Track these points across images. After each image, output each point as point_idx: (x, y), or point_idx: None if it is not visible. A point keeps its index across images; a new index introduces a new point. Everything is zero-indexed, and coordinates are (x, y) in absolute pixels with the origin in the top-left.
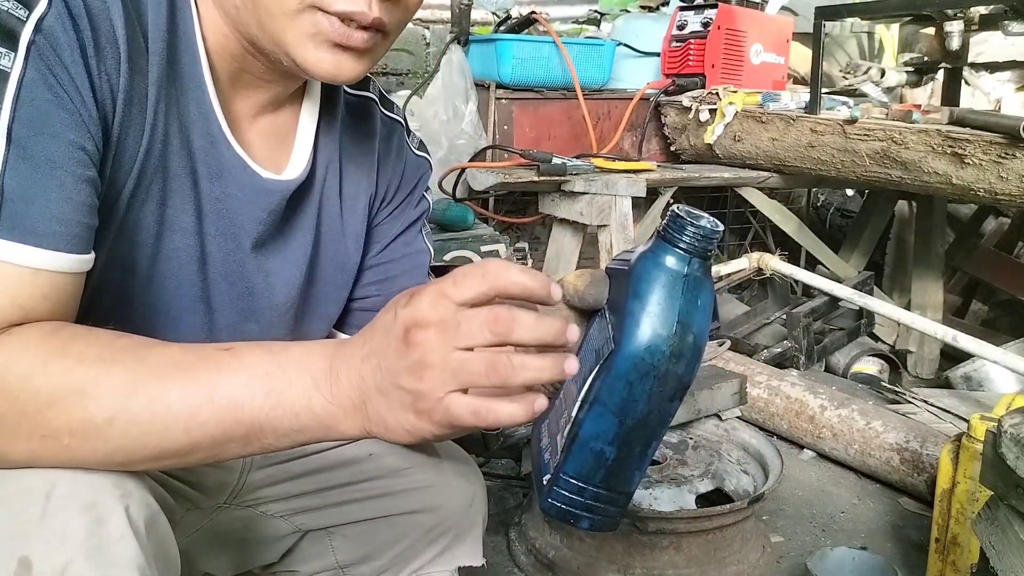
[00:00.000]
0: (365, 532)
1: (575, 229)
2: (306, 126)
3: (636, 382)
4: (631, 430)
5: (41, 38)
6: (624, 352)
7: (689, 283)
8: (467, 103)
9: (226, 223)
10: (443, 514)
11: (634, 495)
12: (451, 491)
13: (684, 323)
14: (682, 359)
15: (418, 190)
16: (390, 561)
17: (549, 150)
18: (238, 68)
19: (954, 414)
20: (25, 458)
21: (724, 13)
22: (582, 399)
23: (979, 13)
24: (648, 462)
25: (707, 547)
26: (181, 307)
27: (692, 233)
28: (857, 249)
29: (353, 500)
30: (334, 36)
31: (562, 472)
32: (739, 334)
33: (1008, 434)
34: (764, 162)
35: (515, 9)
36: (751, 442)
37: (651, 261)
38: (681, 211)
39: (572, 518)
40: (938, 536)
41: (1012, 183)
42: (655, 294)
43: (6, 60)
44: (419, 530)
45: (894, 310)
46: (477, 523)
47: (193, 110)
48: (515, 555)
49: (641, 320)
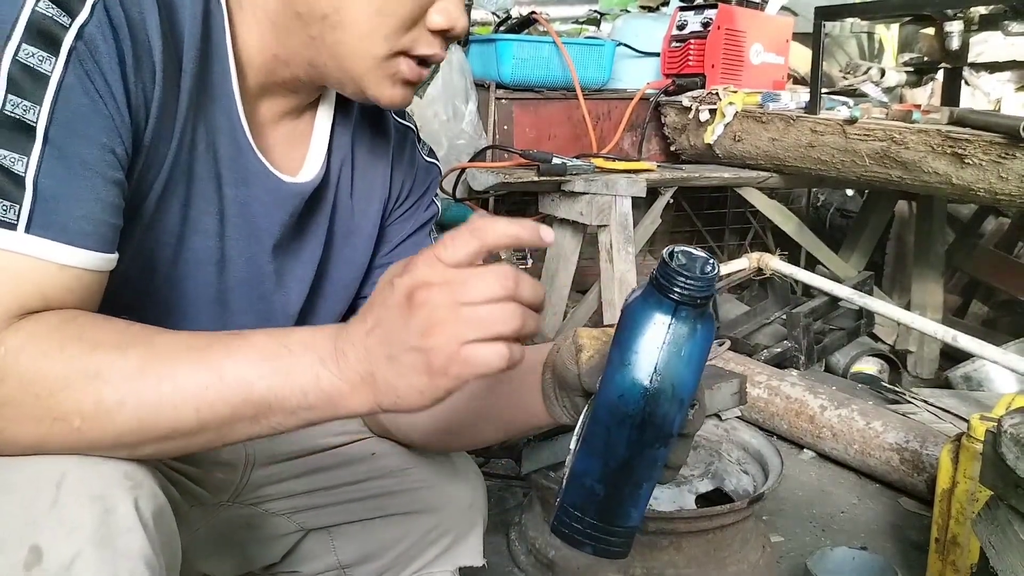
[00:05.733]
0: (366, 531)
1: (575, 229)
2: (321, 129)
3: (613, 428)
4: (616, 472)
5: (82, 45)
6: (601, 398)
7: (675, 331)
8: (467, 103)
9: (248, 227)
10: (444, 514)
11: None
12: (452, 491)
13: (663, 373)
14: (659, 409)
15: (429, 194)
16: (392, 561)
17: (549, 150)
18: (267, 80)
19: (954, 414)
20: (34, 442)
21: (724, 13)
22: (576, 436)
23: (979, 13)
24: (645, 502)
25: (707, 547)
26: (198, 307)
27: (681, 282)
28: (857, 249)
29: (355, 499)
30: (411, 76)
31: (563, 501)
32: (739, 334)
33: (1008, 434)
34: (764, 162)
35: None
36: (751, 442)
37: (637, 306)
38: (674, 253)
39: (576, 544)
40: (938, 536)
41: (1012, 183)
42: (635, 342)
43: (47, 64)
44: (420, 530)
45: (894, 310)
46: (477, 523)
47: (221, 119)
48: (515, 555)
49: (618, 368)
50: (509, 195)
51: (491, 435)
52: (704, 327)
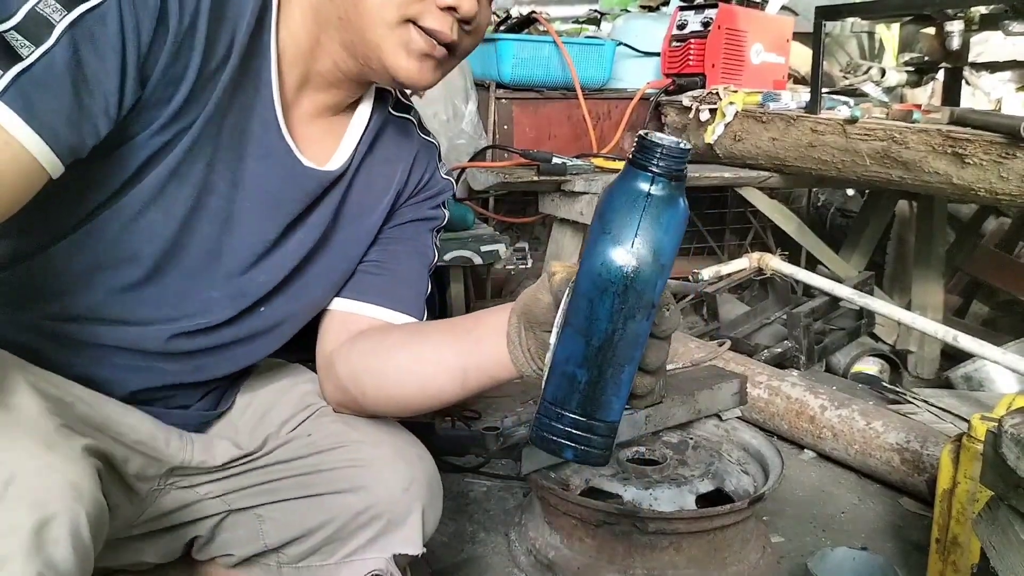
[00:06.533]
0: (292, 512)
1: (575, 229)
2: (355, 130)
3: (596, 299)
4: (598, 350)
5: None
6: (583, 270)
7: (652, 202)
8: (467, 103)
9: (263, 198)
10: (373, 496)
11: (617, 428)
12: (385, 472)
13: (643, 239)
14: (642, 275)
15: (438, 199)
16: (320, 543)
17: (549, 150)
18: (309, 70)
19: (954, 414)
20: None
21: (724, 13)
22: (556, 325)
23: (979, 13)
24: (626, 390)
25: (707, 547)
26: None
27: (657, 153)
28: (857, 249)
29: (281, 478)
30: (424, 47)
31: (544, 399)
32: (739, 334)
33: (1009, 434)
34: (764, 162)
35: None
36: (751, 442)
37: (617, 184)
38: (647, 134)
39: (556, 447)
40: (938, 536)
41: (1013, 183)
42: (615, 213)
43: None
44: (347, 512)
45: (894, 310)
46: (415, 509)
47: (257, 101)
48: (515, 555)
49: (599, 238)
50: (509, 195)
51: (452, 390)
52: (681, 201)
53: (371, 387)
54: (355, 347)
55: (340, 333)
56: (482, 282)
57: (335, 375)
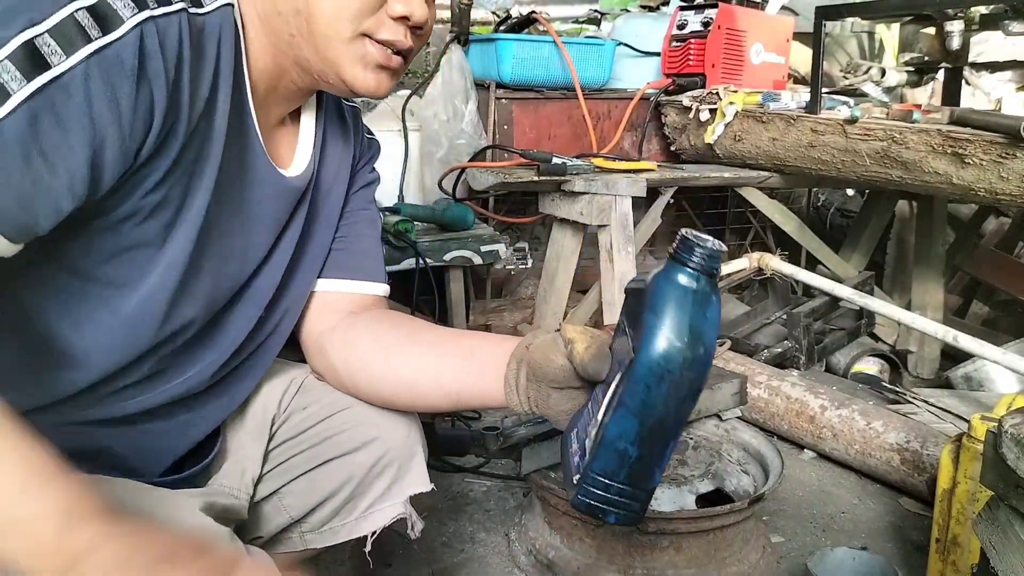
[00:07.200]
0: (309, 484)
1: (575, 229)
2: (307, 129)
3: (653, 386)
4: (650, 430)
5: (104, 56)
6: (642, 359)
7: (698, 297)
8: (467, 103)
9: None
10: (382, 446)
11: (655, 491)
12: (385, 424)
13: (695, 333)
14: (695, 365)
15: (374, 160)
16: (340, 504)
17: (549, 150)
18: (272, 87)
19: (954, 414)
20: None
21: (724, 13)
22: (607, 404)
23: (979, 13)
24: (667, 461)
25: (707, 547)
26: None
27: (700, 254)
28: (857, 249)
29: (292, 456)
30: (380, 59)
31: (590, 470)
32: (739, 334)
33: (1008, 434)
34: (764, 162)
35: (515, 9)
36: (751, 442)
37: (665, 279)
38: (689, 234)
39: (600, 512)
40: (938, 536)
41: (1012, 183)
42: (669, 307)
43: (56, 58)
44: (361, 468)
45: (894, 310)
46: (418, 451)
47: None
48: (515, 555)
49: (657, 331)
50: (509, 195)
51: (443, 406)
52: (716, 294)
53: (365, 385)
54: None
55: (323, 314)
56: (482, 282)
57: (327, 359)
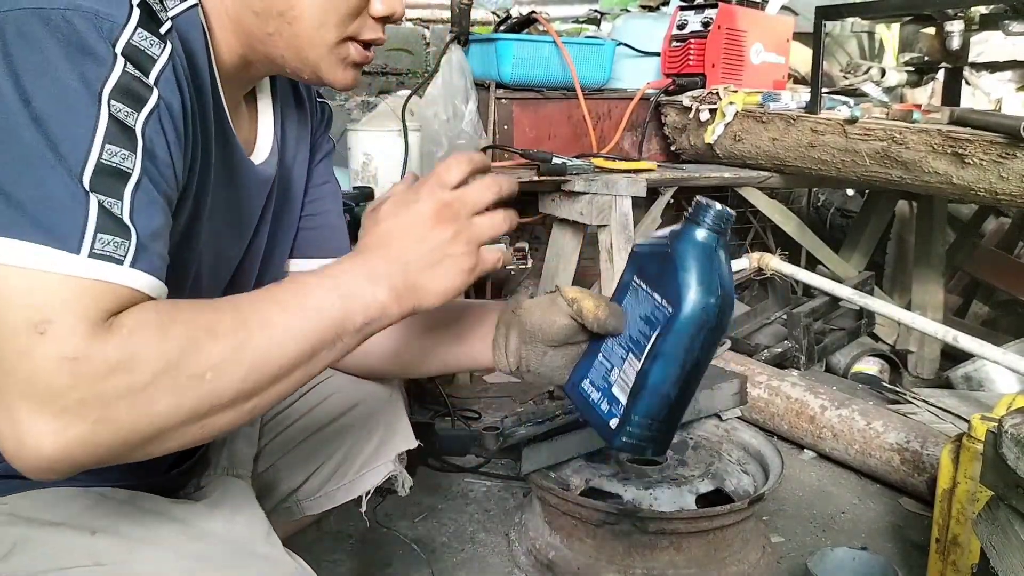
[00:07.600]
0: (302, 453)
1: (575, 229)
2: (265, 110)
3: (695, 335)
4: (689, 373)
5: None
6: (685, 313)
7: (718, 253)
8: (467, 103)
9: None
10: (368, 407)
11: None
12: (369, 386)
13: (723, 284)
14: (726, 312)
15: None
16: (333, 468)
17: (549, 150)
18: (236, 76)
19: (954, 414)
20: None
21: (724, 13)
22: (646, 355)
23: (979, 13)
24: (693, 396)
25: (707, 547)
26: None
27: (715, 214)
28: (857, 249)
29: (283, 430)
30: (360, 59)
31: (634, 413)
32: (739, 334)
33: (1008, 434)
34: (764, 162)
35: (515, 9)
36: (751, 442)
37: (688, 240)
38: (703, 200)
39: (640, 450)
40: (938, 536)
41: (1012, 183)
42: (698, 265)
43: (132, 119)
44: (351, 433)
45: (894, 310)
46: (401, 410)
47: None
48: (515, 555)
49: (692, 287)
50: None
51: (434, 368)
52: (727, 249)
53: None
54: None
55: None
56: (482, 282)
57: None
